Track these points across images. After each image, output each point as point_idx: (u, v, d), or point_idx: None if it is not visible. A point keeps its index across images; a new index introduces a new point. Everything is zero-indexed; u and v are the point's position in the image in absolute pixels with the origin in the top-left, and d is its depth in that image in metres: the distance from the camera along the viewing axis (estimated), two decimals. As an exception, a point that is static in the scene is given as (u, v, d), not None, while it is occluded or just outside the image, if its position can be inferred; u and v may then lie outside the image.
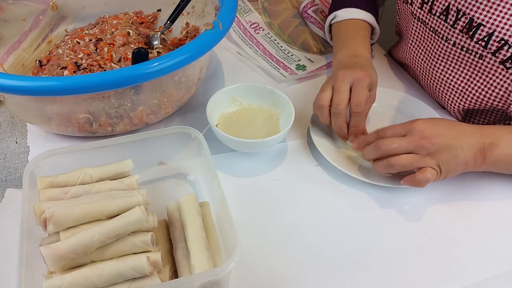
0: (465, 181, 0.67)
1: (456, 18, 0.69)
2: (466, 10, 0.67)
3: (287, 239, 0.60)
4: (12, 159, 0.69)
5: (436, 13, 0.72)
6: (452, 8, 0.69)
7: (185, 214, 0.55)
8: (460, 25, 0.69)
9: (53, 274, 0.48)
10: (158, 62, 0.60)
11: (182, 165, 0.67)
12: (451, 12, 0.70)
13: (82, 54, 0.74)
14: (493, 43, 0.65)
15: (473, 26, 0.67)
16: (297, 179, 0.68)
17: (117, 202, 0.51)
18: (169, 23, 0.80)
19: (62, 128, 0.69)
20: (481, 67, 0.70)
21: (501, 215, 0.64)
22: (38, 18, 0.85)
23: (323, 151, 0.68)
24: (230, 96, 0.74)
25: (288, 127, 0.67)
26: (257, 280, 0.55)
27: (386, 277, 0.56)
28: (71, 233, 0.49)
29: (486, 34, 0.66)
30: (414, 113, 0.76)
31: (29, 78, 0.59)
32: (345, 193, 0.66)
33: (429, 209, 0.64)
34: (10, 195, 0.64)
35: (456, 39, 0.70)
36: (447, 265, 0.58)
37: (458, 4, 0.68)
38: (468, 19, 0.67)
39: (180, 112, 0.77)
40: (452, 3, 0.69)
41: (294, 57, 0.89)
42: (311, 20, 0.90)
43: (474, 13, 0.66)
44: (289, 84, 0.84)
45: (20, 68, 0.80)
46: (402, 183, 0.61)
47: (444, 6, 0.70)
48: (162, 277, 0.50)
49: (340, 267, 0.57)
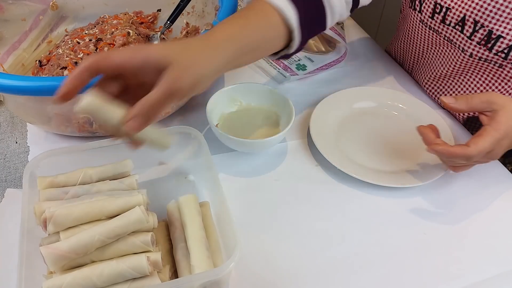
0: (465, 181, 0.67)
1: (473, 30, 0.66)
2: (484, 22, 0.65)
3: (287, 239, 0.60)
4: (12, 159, 0.69)
5: (450, 23, 0.69)
6: (468, 19, 0.66)
7: (185, 214, 0.55)
8: (477, 37, 0.66)
9: (53, 274, 0.48)
10: (158, 62, 0.60)
11: (182, 165, 0.67)
12: (467, 23, 0.67)
13: (82, 54, 0.74)
14: None
15: (492, 38, 0.65)
16: (297, 179, 0.68)
17: (117, 202, 0.51)
18: (169, 23, 0.81)
19: (62, 128, 0.69)
20: (500, 75, 0.69)
21: (501, 215, 0.64)
22: (38, 18, 0.85)
23: (323, 151, 0.68)
24: (230, 96, 0.74)
25: (288, 127, 0.67)
26: (257, 280, 0.55)
27: (386, 277, 0.56)
28: (71, 233, 0.49)
29: (506, 46, 0.64)
30: (414, 113, 0.76)
31: (29, 78, 0.59)
32: (345, 193, 0.66)
33: (429, 209, 0.64)
34: (10, 195, 0.64)
35: (473, 51, 0.68)
36: (447, 265, 0.58)
37: (475, 15, 0.65)
38: (487, 31, 0.65)
39: (180, 112, 0.77)
40: (468, 14, 0.66)
41: (294, 57, 0.89)
42: None
43: (493, 25, 0.64)
44: (290, 84, 0.84)
45: (20, 68, 0.80)
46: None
47: (459, 17, 0.68)
48: (162, 277, 0.50)
49: (340, 267, 0.57)
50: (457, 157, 0.57)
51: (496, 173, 0.69)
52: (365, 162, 0.68)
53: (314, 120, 0.73)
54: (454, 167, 0.63)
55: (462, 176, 0.68)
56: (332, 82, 0.85)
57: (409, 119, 0.76)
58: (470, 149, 0.56)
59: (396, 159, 0.70)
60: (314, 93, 0.81)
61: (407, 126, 0.75)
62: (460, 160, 0.58)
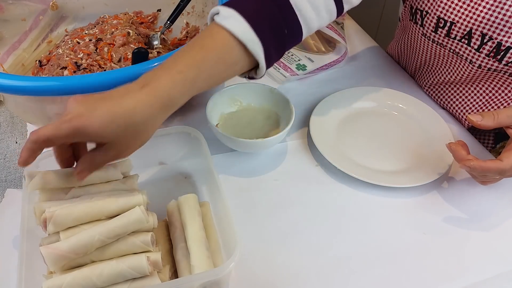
0: (464, 181, 0.67)
1: (481, 43, 0.66)
2: (492, 35, 0.64)
3: (287, 239, 0.60)
4: (12, 159, 0.69)
5: (456, 37, 0.69)
6: (475, 32, 0.66)
7: (185, 214, 0.55)
8: (486, 49, 0.66)
9: (53, 274, 0.48)
10: (158, 62, 0.60)
11: (182, 165, 0.67)
12: (474, 36, 0.66)
13: (82, 54, 0.74)
14: None
15: (501, 50, 0.64)
16: (297, 179, 0.68)
17: (117, 202, 0.51)
18: (169, 23, 0.81)
19: (62, 128, 0.68)
20: (510, 83, 0.68)
21: (501, 215, 0.64)
22: (38, 18, 0.85)
23: (323, 151, 0.68)
24: (230, 96, 0.74)
25: (288, 127, 0.67)
26: (257, 280, 0.55)
27: (386, 277, 0.56)
28: (71, 233, 0.49)
29: None
30: (414, 113, 0.76)
31: (29, 78, 0.59)
32: (345, 193, 0.66)
33: (429, 209, 0.64)
34: (10, 195, 0.64)
35: (482, 63, 0.67)
36: (447, 265, 0.58)
37: (482, 28, 0.65)
38: (496, 44, 0.64)
39: (180, 112, 0.76)
40: (475, 28, 0.65)
41: (294, 57, 0.89)
42: None
43: (502, 37, 0.64)
44: (290, 84, 0.84)
45: (20, 68, 0.80)
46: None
47: (465, 31, 0.67)
48: (162, 277, 0.50)
49: (340, 267, 0.57)
50: (491, 172, 0.57)
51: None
52: (365, 162, 0.68)
53: (314, 120, 0.73)
54: (484, 182, 0.62)
55: (462, 176, 0.68)
56: (332, 82, 0.85)
57: (409, 119, 0.76)
58: (504, 163, 0.55)
59: (396, 159, 0.70)
60: (314, 93, 0.81)
61: (407, 126, 0.75)
62: (494, 175, 0.57)
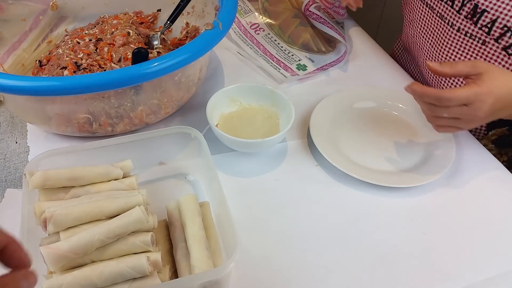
0: (465, 181, 0.67)
1: (462, 4, 0.69)
2: None
3: (287, 239, 0.60)
4: (12, 159, 0.69)
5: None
6: None
7: (185, 214, 0.55)
8: (465, 10, 0.69)
9: (53, 274, 0.48)
10: (158, 62, 0.60)
11: (182, 165, 0.67)
12: None
13: (82, 54, 0.74)
14: (496, 29, 0.66)
15: (477, 12, 0.67)
16: (297, 179, 0.68)
17: (117, 202, 0.51)
18: (169, 23, 0.80)
19: (62, 128, 0.69)
20: (483, 53, 0.71)
21: (501, 215, 0.64)
22: (38, 18, 0.85)
23: (323, 151, 0.68)
24: (230, 96, 0.74)
25: (288, 127, 0.67)
26: (257, 280, 0.55)
27: (385, 277, 0.56)
28: (71, 233, 0.49)
29: (490, 20, 0.67)
30: (414, 113, 0.76)
31: (29, 78, 0.59)
32: (345, 193, 0.66)
33: (429, 209, 0.64)
34: (10, 195, 0.64)
35: (461, 25, 0.71)
36: (447, 265, 0.58)
37: None
38: (473, 5, 0.68)
39: (180, 112, 0.77)
40: None
41: (295, 57, 0.89)
42: (314, 17, 0.90)
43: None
44: (290, 84, 0.84)
45: (20, 68, 0.80)
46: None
47: None
48: (162, 277, 0.50)
49: (340, 267, 0.57)
50: (429, 97, 0.58)
51: (495, 172, 0.69)
52: (365, 162, 0.68)
53: (314, 120, 0.73)
54: (436, 121, 0.62)
55: (462, 176, 0.68)
56: (332, 82, 0.85)
57: (409, 119, 0.76)
58: (443, 91, 0.57)
59: (396, 159, 0.70)
60: (314, 93, 0.81)
61: (407, 126, 0.75)
62: (432, 100, 0.59)
